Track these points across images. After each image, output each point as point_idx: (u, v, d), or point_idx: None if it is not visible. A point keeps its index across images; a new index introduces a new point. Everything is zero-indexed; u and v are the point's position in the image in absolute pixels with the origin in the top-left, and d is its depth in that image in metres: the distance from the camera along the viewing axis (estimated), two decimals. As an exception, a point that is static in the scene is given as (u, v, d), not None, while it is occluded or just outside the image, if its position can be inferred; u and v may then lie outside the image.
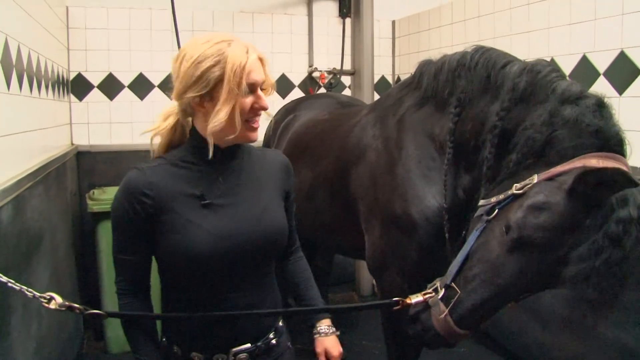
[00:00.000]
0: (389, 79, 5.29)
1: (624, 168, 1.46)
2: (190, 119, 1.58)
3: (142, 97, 4.51)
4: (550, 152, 1.62)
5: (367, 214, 2.42)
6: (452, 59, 2.12)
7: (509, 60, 1.93)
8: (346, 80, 5.06)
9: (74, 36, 4.26)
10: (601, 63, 2.97)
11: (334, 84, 4.98)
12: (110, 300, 3.72)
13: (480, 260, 1.63)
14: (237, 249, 1.53)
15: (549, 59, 3.31)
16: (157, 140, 1.63)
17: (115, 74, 4.41)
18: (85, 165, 4.36)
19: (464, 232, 1.91)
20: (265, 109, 1.53)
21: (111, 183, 4.24)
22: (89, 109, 4.38)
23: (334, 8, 5.08)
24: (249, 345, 1.61)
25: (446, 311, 1.65)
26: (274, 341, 1.69)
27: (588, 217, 1.42)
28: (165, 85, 4.49)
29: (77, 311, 1.53)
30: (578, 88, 1.69)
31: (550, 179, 1.54)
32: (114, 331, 3.76)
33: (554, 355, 3.35)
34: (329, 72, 4.91)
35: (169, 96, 1.58)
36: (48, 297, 1.52)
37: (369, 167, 2.43)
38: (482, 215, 1.69)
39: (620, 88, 2.87)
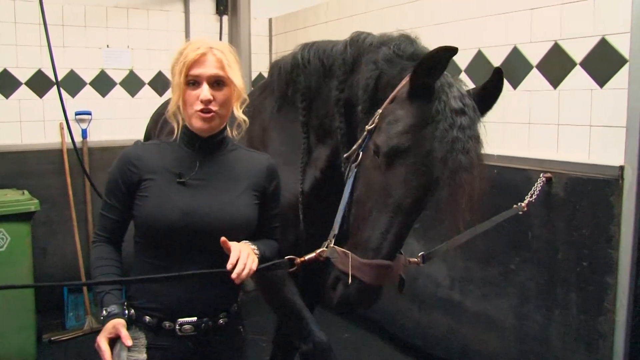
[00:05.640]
0: (266, 76, 5.36)
1: None
2: None
3: (7, 96, 4.22)
4: (385, 89, 1.84)
5: None
6: (285, 64, 2.30)
7: (334, 43, 2.16)
8: (225, 77, 5.07)
9: None
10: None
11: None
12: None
13: (366, 193, 1.78)
14: (200, 226, 1.68)
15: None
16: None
17: (-25, 70, 4.11)
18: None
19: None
20: (202, 100, 1.66)
21: (-27, 187, 3.96)
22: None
23: (210, 5, 5.07)
24: (194, 318, 1.72)
25: (345, 250, 1.74)
26: (221, 321, 1.78)
27: (431, 108, 1.65)
28: (33, 82, 4.27)
29: None
30: (388, 36, 1.98)
31: (390, 102, 1.77)
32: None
33: (429, 332, 3.63)
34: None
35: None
36: None
37: None
38: (350, 165, 1.85)
39: (515, 83, 3.07)
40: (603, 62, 2.57)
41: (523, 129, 2.97)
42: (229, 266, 1.59)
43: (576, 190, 2.64)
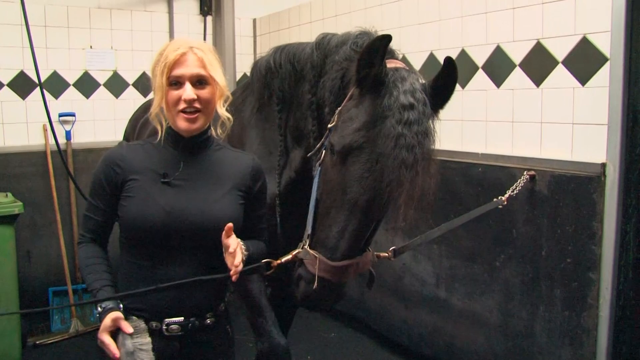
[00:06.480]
0: (251, 76, 5.38)
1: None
2: None
3: (-12, 97, 4.18)
4: (346, 87, 1.87)
5: None
6: (261, 67, 2.32)
7: (304, 46, 2.19)
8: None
9: None
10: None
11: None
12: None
13: (326, 191, 1.79)
14: (184, 226, 1.69)
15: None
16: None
17: (-46, 72, 4.07)
18: None
19: None
20: (185, 100, 1.67)
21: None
22: None
23: (194, 6, 5.06)
24: (181, 318, 1.72)
25: (316, 253, 1.75)
26: (208, 321, 1.78)
27: (382, 104, 1.65)
28: (16, 84, 4.23)
29: None
30: (349, 34, 2.03)
31: (349, 100, 1.80)
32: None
33: (416, 330, 3.65)
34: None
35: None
36: None
37: None
38: (315, 164, 1.88)
39: (498, 81, 3.09)
40: (584, 61, 2.60)
41: (507, 127, 2.99)
42: (230, 250, 1.61)
43: (559, 187, 2.66)
